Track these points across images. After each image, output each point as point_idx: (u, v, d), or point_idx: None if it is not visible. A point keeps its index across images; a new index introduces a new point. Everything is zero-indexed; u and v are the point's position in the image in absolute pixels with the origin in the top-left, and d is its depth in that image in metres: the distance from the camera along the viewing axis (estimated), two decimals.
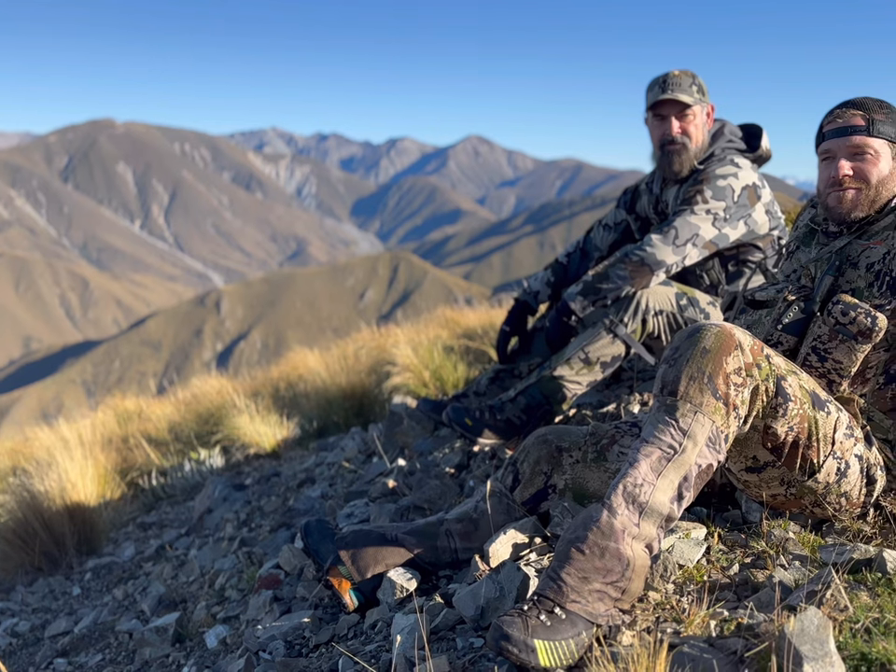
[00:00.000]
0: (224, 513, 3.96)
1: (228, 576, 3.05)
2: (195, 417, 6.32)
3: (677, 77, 3.08)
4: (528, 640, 1.54)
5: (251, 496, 4.13)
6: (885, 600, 1.62)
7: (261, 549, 3.16)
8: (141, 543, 4.20)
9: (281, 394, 6.66)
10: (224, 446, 5.40)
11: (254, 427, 5.19)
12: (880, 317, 1.92)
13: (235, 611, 2.72)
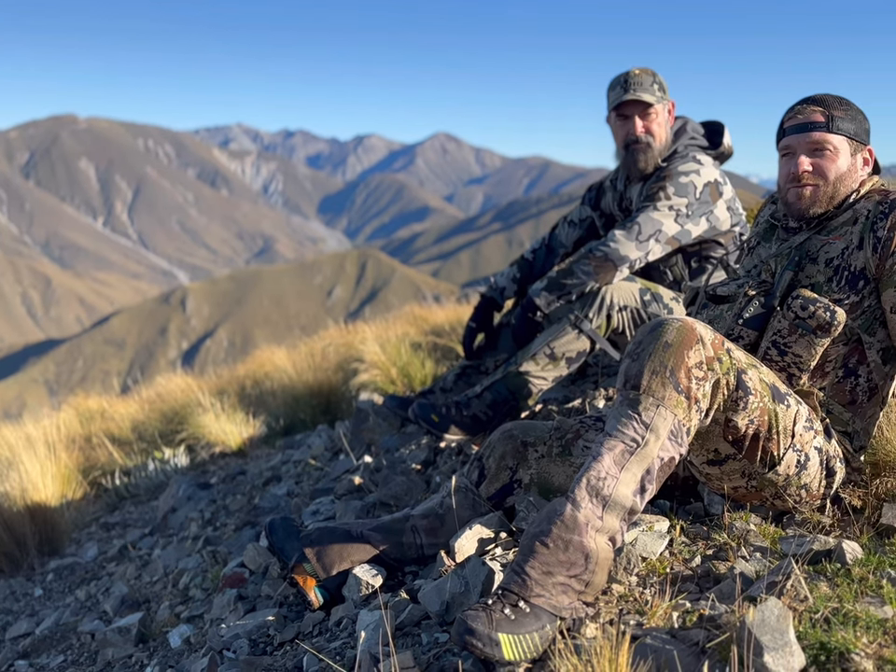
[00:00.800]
0: (188, 512, 3.92)
1: (192, 575, 3.02)
2: (159, 416, 6.25)
3: (637, 77, 3.10)
4: (492, 634, 1.55)
5: (216, 494, 4.10)
6: (844, 590, 1.64)
7: (226, 548, 3.14)
8: (104, 543, 4.14)
9: (247, 392, 6.61)
10: (189, 445, 5.35)
11: (219, 425, 5.14)
12: (839, 311, 1.95)
13: (199, 611, 2.70)
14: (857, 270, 2.01)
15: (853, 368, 2.07)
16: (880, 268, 1.98)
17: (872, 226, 2.00)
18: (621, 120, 3.18)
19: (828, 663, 1.42)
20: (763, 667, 1.38)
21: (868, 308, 2.02)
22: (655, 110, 3.12)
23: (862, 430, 2.12)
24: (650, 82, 3.11)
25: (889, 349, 2.05)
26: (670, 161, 3.17)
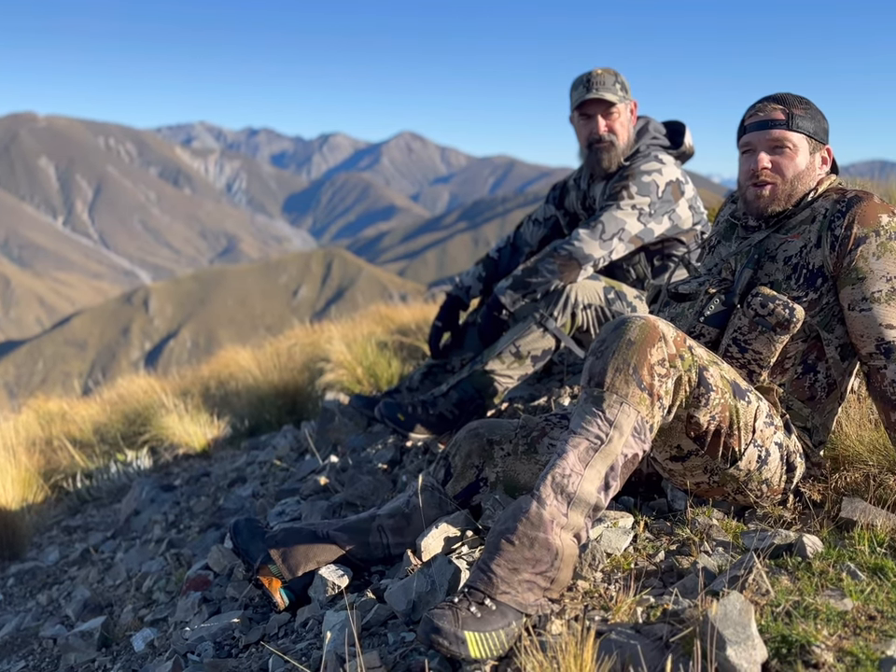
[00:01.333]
0: (152, 515, 3.88)
1: (155, 578, 2.98)
2: (122, 418, 6.16)
3: (600, 76, 3.13)
4: (459, 632, 1.55)
5: (180, 496, 4.06)
6: (805, 584, 1.67)
7: (190, 550, 3.11)
8: (66, 547, 4.08)
9: (211, 393, 6.55)
10: (152, 447, 5.28)
11: (183, 426, 5.09)
12: (798, 309, 1.98)
13: (163, 614, 2.66)
14: (815, 268, 2.04)
15: (812, 364, 2.10)
16: (838, 266, 2.02)
17: (829, 224, 2.03)
18: (584, 120, 3.20)
19: (789, 655, 1.44)
20: (726, 661, 1.40)
21: (826, 305, 2.05)
22: (618, 109, 3.15)
23: (821, 426, 2.15)
24: (612, 82, 3.13)
25: (847, 345, 2.09)
26: (633, 160, 3.19)
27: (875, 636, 1.48)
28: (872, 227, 1.98)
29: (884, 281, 1.98)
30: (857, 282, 2.00)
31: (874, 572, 1.70)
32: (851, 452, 2.19)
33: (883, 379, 1.99)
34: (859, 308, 2.00)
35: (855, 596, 1.60)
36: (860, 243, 1.98)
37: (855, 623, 1.52)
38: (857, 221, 1.99)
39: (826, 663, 1.40)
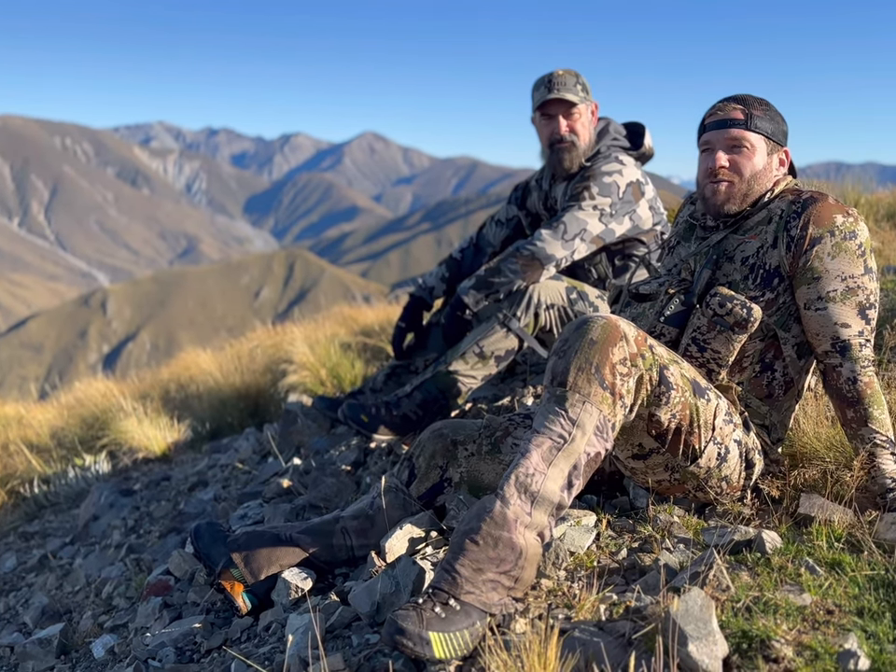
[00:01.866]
0: (111, 520, 3.82)
1: (115, 584, 2.94)
2: (79, 422, 6.06)
3: (561, 77, 3.15)
4: (423, 633, 1.55)
5: (139, 501, 4.00)
6: (764, 579, 1.69)
7: (150, 555, 3.07)
8: (23, 553, 4.00)
9: (172, 396, 6.46)
10: (111, 451, 5.20)
11: (142, 430, 5.01)
12: (755, 308, 2.01)
13: (123, 620, 2.62)
14: (772, 268, 2.07)
15: (769, 363, 2.13)
16: (794, 266, 2.05)
17: (785, 225, 2.06)
18: (545, 120, 3.22)
19: (750, 650, 1.46)
20: (688, 657, 1.42)
21: (783, 305, 2.09)
22: (579, 110, 3.17)
23: (779, 423, 2.19)
24: (573, 83, 3.15)
25: (804, 344, 2.12)
26: (594, 161, 3.22)
27: (834, 629, 1.50)
28: (827, 227, 2.01)
29: (839, 280, 2.01)
30: (812, 281, 2.03)
31: (831, 567, 1.73)
32: (809, 448, 2.23)
33: (839, 377, 2.03)
34: (814, 307, 2.03)
35: (813, 591, 1.63)
36: (815, 243, 2.02)
37: (814, 618, 1.54)
38: (812, 222, 2.02)
39: (786, 657, 1.42)
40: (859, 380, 2.00)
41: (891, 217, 6.32)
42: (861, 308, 2.01)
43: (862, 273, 2.01)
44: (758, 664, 1.42)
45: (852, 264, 2.01)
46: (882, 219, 6.24)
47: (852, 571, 1.70)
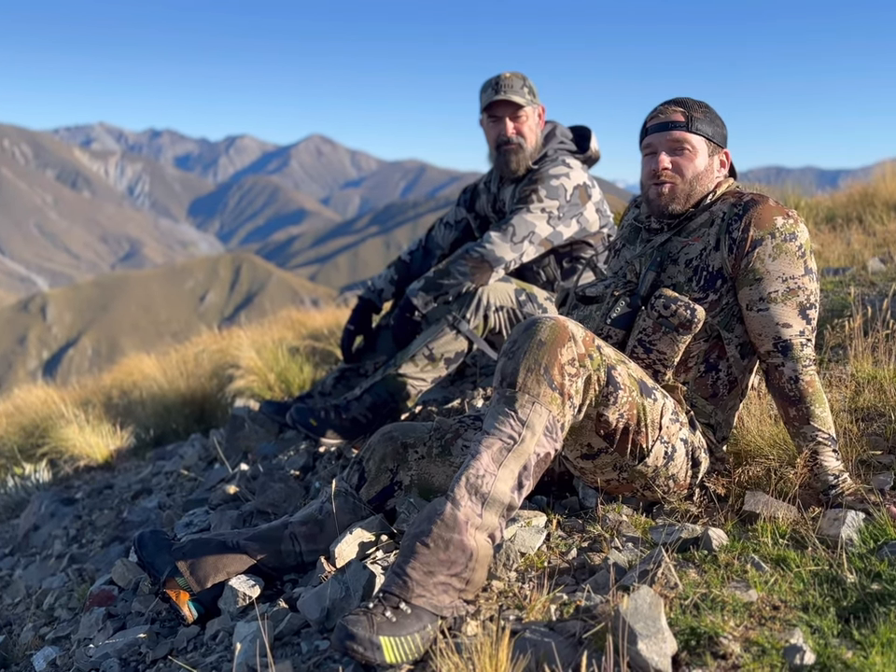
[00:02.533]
0: (52, 530, 3.72)
1: (57, 595, 2.86)
2: (18, 430, 5.90)
3: (508, 79, 3.17)
4: (373, 638, 1.53)
5: (82, 510, 3.90)
6: (711, 576, 1.71)
7: (93, 565, 2.99)
8: None
9: (114, 402, 6.33)
10: (51, 459, 5.07)
11: (84, 437, 4.89)
12: (699, 309, 2.03)
13: (66, 631, 2.55)
14: (714, 270, 2.10)
15: (714, 363, 2.16)
16: (736, 268, 2.08)
17: (727, 227, 2.09)
18: (492, 121, 3.23)
19: (698, 647, 1.47)
20: (638, 655, 1.42)
21: (726, 306, 2.12)
22: (525, 113, 3.19)
23: (724, 421, 2.22)
24: (520, 85, 3.17)
25: (747, 344, 2.16)
26: (541, 164, 3.24)
27: (780, 625, 1.53)
28: (767, 229, 2.05)
29: (780, 281, 2.05)
30: (754, 283, 2.06)
31: (776, 563, 1.76)
32: (753, 446, 2.27)
33: (781, 376, 2.06)
34: (756, 308, 2.07)
35: (759, 587, 1.65)
36: (756, 245, 2.05)
37: (760, 614, 1.57)
38: (753, 224, 2.06)
39: (733, 653, 1.44)
40: (800, 379, 2.04)
41: (830, 220, 6.49)
42: (801, 308, 2.05)
43: (803, 273, 2.05)
44: (706, 660, 1.43)
45: (793, 265, 2.04)
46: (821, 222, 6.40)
47: (797, 567, 1.73)
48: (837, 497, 1.98)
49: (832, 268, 4.58)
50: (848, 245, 5.33)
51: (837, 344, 3.01)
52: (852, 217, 6.38)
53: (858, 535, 1.83)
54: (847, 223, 6.21)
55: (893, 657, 1.39)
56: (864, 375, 2.66)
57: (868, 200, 6.81)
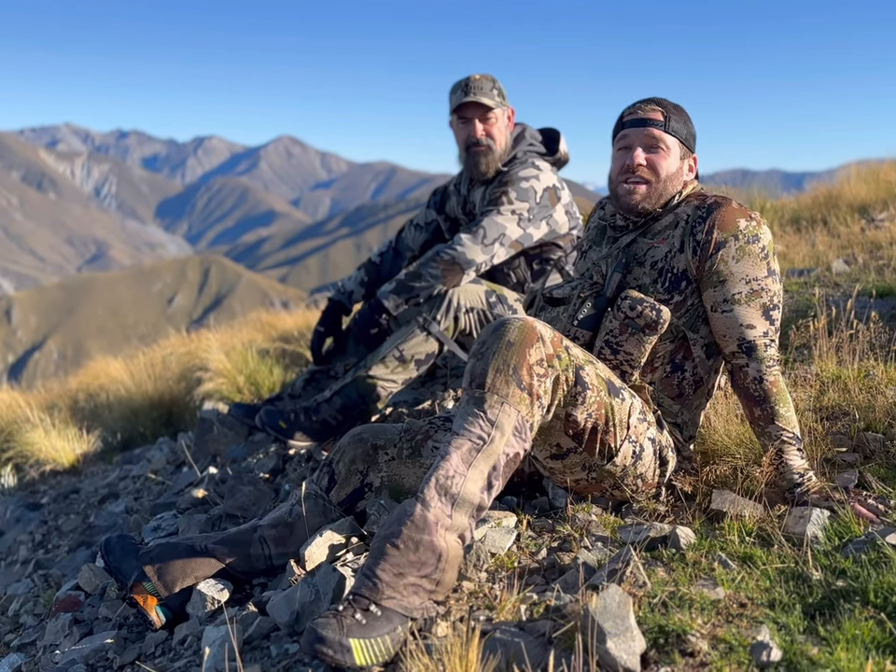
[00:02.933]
0: (17, 535, 3.67)
1: (22, 601, 2.82)
2: None
3: (478, 81, 3.18)
4: (343, 640, 1.53)
5: (47, 515, 3.85)
6: (679, 574, 1.73)
7: (59, 570, 2.95)
8: None
9: (81, 406, 6.25)
10: (16, 464, 4.99)
11: (50, 442, 4.82)
12: (664, 310, 2.05)
13: (31, 638, 2.52)
14: (679, 271, 2.12)
15: (680, 363, 2.18)
16: (700, 269, 2.10)
17: (691, 230, 2.11)
18: (462, 123, 3.24)
19: (667, 645, 1.48)
20: (607, 653, 1.43)
21: (691, 307, 2.13)
22: (495, 115, 3.20)
23: (690, 421, 2.24)
24: (489, 87, 3.18)
25: (713, 345, 2.18)
26: (510, 166, 3.25)
27: (747, 622, 1.55)
28: (731, 231, 2.07)
29: (744, 283, 2.07)
30: (718, 284, 2.08)
31: (743, 561, 1.78)
32: (720, 445, 2.29)
33: (746, 376, 2.09)
34: (721, 309, 2.09)
35: (726, 585, 1.67)
36: (720, 247, 2.07)
37: (727, 611, 1.58)
38: (717, 226, 2.07)
39: (701, 650, 1.45)
40: (765, 379, 2.06)
41: (795, 221, 6.58)
42: (765, 309, 2.07)
43: (766, 275, 2.07)
44: (674, 658, 1.44)
45: (756, 267, 2.06)
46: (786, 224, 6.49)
47: (763, 565, 1.75)
48: (803, 495, 2.01)
49: (796, 269, 4.65)
50: (813, 246, 5.41)
51: (802, 344, 3.05)
52: (817, 218, 6.48)
53: (823, 532, 1.86)
54: (811, 225, 6.31)
55: (858, 653, 1.41)
56: (829, 375, 2.70)
57: (832, 202, 6.92)
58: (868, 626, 1.47)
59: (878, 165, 7.84)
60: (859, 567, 1.67)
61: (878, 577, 1.61)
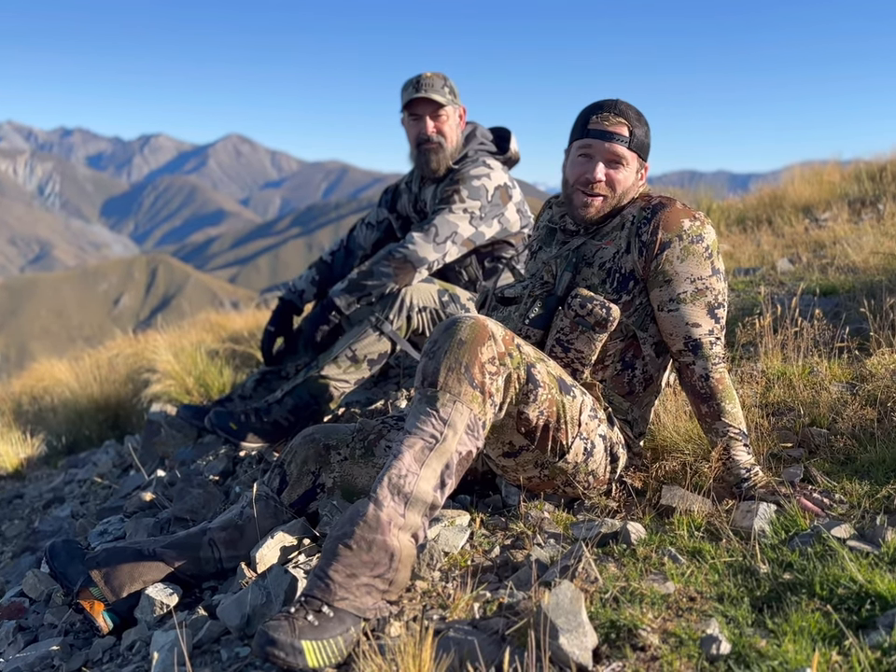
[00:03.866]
0: None
1: None
2: None
3: (429, 79, 3.17)
4: (295, 642, 1.51)
5: None
6: (630, 570, 1.75)
7: (3, 577, 2.88)
8: None
9: (24, 409, 6.10)
10: None
11: None
12: (614, 308, 2.07)
13: None
14: (627, 272, 2.14)
15: (630, 361, 2.21)
16: (646, 269, 2.12)
17: (637, 231, 2.12)
18: (413, 120, 3.23)
19: (618, 640, 1.50)
20: (559, 649, 1.44)
21: (639, 306, 2.16)
22: (446, 112, 3.20)
23: (640, 418, 2.27)
24: (440, 85, 3.18)
25: (662, 343, 2.20)
26: (461, 164, 3.25)
27: (696, 616, 1.56)
28: (675, 232, 2.09)
29: (688, 282, 2.09)
30: (664, 284, 2.10)
31: (692, 555, 1.81)
32: (669, 442, 2.33)
33: (692, 374, 2.11)
34: (667, 308, 2.11)
35: (676, 579, 1.69)
36: (664, 247, 2.09)
37: (677, 605, 1.60)
38: (661, 227, 2.09)
39: (652, 644, 1.47)
40: (710, 377, 2.09)
41: (741, 221, 6.71)
42: (710, 308, 2.10)
43: (710, 274, 2.10)
44: (626, 653, 1.46)
45: (700, 266, 2.09)
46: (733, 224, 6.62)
47: (712, 558, 1.78)
48: (750, 489, 2.04)
49: (743, 268, 4.74)
50: (759, 246, 5.52)
51: (748, 342, 3.11)
52: (762, 219, 6.62)
53: (770, 526, 1.89)
54: (757, 225, 6.43)
55: (805, 644, 1.44)
56: (774, 371, 2.75)
57: (777, 203, 7.07)
58: (814, 618, 1.50)
59: (821, 167, 8.04)
60: (805, 560, 1.71)
61: (824, 569, 1.65)
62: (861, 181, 7.08)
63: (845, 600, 1.55)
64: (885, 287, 3.41)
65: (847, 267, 4.23)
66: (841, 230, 5.39)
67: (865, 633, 1.46)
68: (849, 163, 8.31)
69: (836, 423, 2.37)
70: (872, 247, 4.35)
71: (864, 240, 4.71)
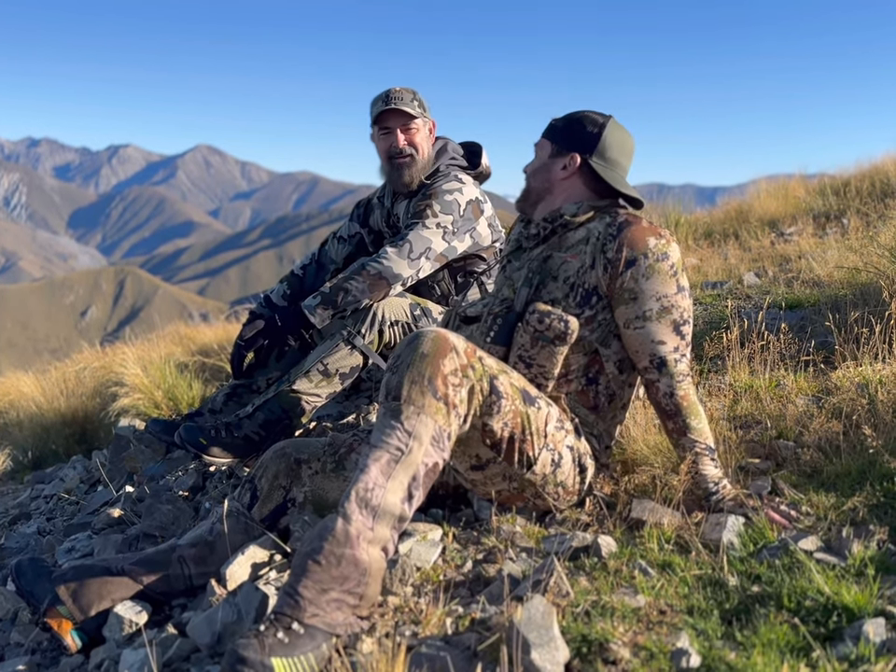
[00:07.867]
0: None
1: None
2: None
3: (398, 93, 3.19)
4: (265, 660, 1.50)
5: None
6: (601, 583, 1.75)
7: None
8: None
9: None
10: None
11: None
12: (572, 320, 2.08)
13: None
14: (590, 287, 2.15)
15: (594, 377, 2.21)
16: (611, 287, 2.13)
17: (602, 247, 2.14)
18: (383, 133, 3.23)
19: (589, 654, 1.50)
20: (531, 664, 1.45)
21: (602, 322, 2.17)
22: (416, 125, 3.21)
23: (605, 432, 2.27)
24: (410, 98, 3.20)
25: (625, 360, 2.21)
26: (433, 179, 3.26)
27: (667, 629, 1.58)
28: (640, 250, 2.11)
29: (654, 300, 2.11)
30: (630, 301, 2.12)
31: (662, 568, 1.82)
32: (639, 455, 2.34)
33: (658, 391, 2.13)
34: (633, 326, 2.13)
35: (647, 593, 1.70)
36: (630, 265, 2.11)
37: (648, 619, 1.61)
38: (627, 245, 2.11)
39: (623, 658, 1.48)
40: (675, 393, 2.11)
41: (709, 235, 6.79)
42: (675, 325, 2.12)
43: (675, 292, 2.12)
44: (597, 667, 1.46)
45: (665, 284, 2.11)
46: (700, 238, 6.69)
47: (682, 571, 1.79)
48: (718, 502, 2.06)
49: (710, 282, 4.79)
50: (726, 259, 5.59)
51: (716, 355, 3.14)
52: (729, 232, 6.70)
53: (738, 539, 1.91)
54: (724, 239, 6.52)
55: (774, 657, 1.45)
56: (741, 385, 2.78)
57: (744, 216, 7.17)
58: (783, 630, 1.52)
59: (787, 181, 8.16)
60: (773, 573, 1.73)
61: (791, 582, 1.67)
62: (826, 196, 7.20)
63: (812, 612, 1.57)
64: (849, 301, 3.47)
65: (813, 281, 4.29)
66: (806, 244, 5.47)
67: (832, 644, 1.48)
68: (815, 177, 8.45)
69: (803, 436, 2.39)
70: (836, 261, 4.42)
71: (829, 254, 4.78)
